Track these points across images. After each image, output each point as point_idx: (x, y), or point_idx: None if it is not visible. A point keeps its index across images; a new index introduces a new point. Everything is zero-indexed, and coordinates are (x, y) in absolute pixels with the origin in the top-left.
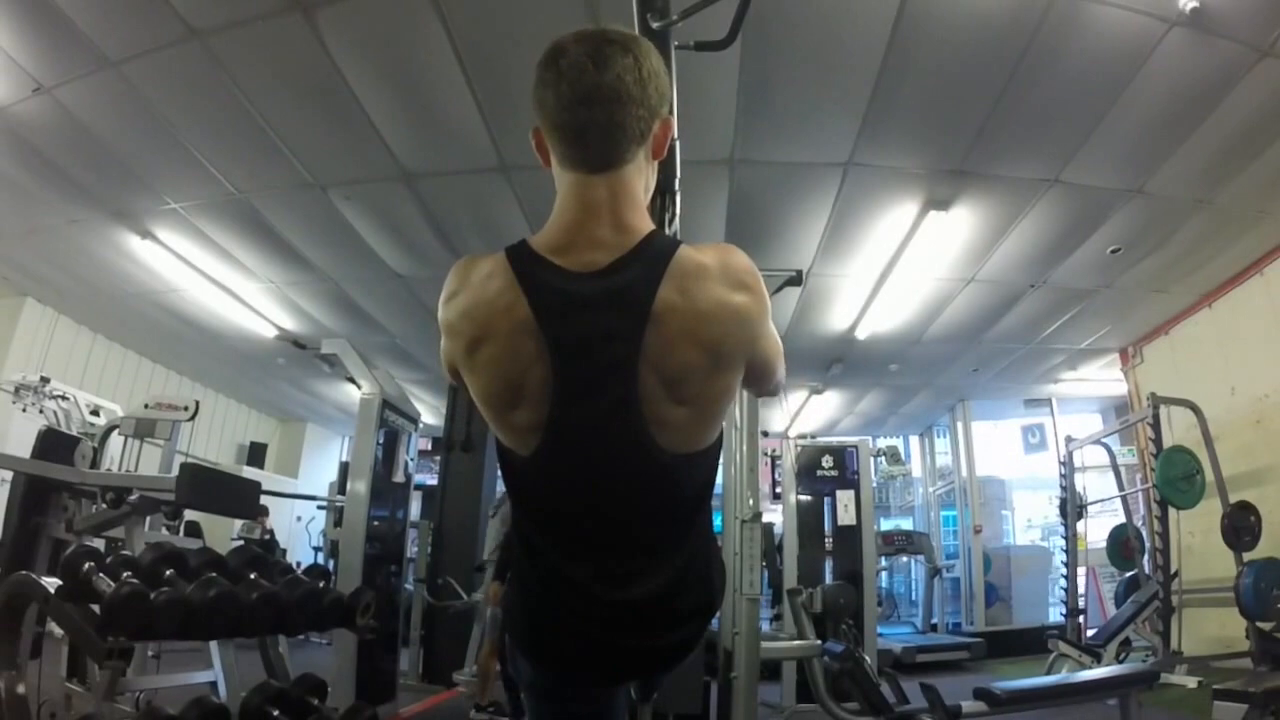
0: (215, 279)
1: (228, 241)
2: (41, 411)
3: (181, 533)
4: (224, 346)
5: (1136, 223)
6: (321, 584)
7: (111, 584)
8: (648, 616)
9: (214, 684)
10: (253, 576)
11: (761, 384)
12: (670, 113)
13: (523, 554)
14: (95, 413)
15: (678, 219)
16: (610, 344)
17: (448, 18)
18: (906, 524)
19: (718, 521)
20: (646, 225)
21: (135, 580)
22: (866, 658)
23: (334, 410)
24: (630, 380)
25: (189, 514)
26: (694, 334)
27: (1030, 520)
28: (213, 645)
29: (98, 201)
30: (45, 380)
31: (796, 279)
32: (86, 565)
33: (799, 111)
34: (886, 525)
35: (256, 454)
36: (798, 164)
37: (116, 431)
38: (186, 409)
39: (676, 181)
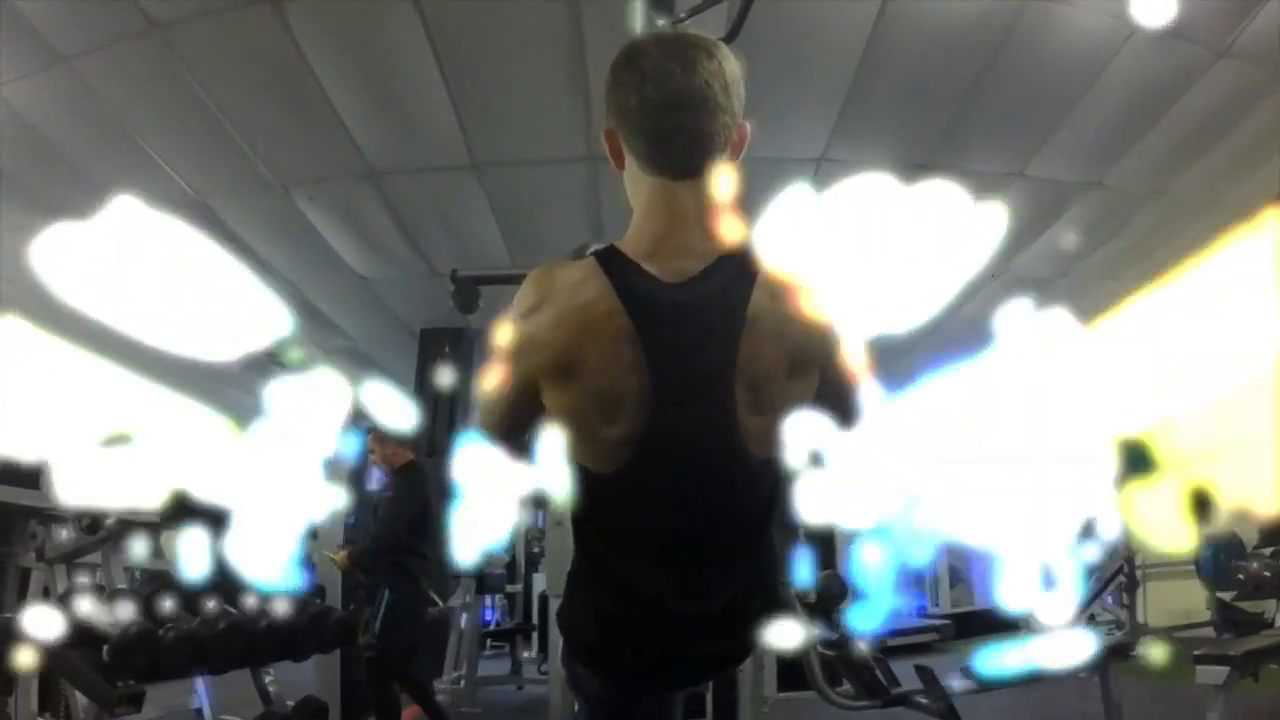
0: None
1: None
2: None
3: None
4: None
5: (1094, 214)
6: (318, 601)
7: (111, 623)
8: (723, 623)
9: (199, 710)
10: (252, 600)
11: (844, 406)
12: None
13: (589, 570)
14: None
15: None
16: (707, 350)
17: (423, 6)
18: None
19: None
20: (735, 232)
21: (139, 619)
22: (860, 644)
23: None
24: (727, 386)
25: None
26: (779, 338)
27: None
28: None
29: (43, 205)
30: None
31: None
32: (84, 605)
33: (776, 108)
34: None
35: None
36: (771, 159)
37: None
38: None
39: None
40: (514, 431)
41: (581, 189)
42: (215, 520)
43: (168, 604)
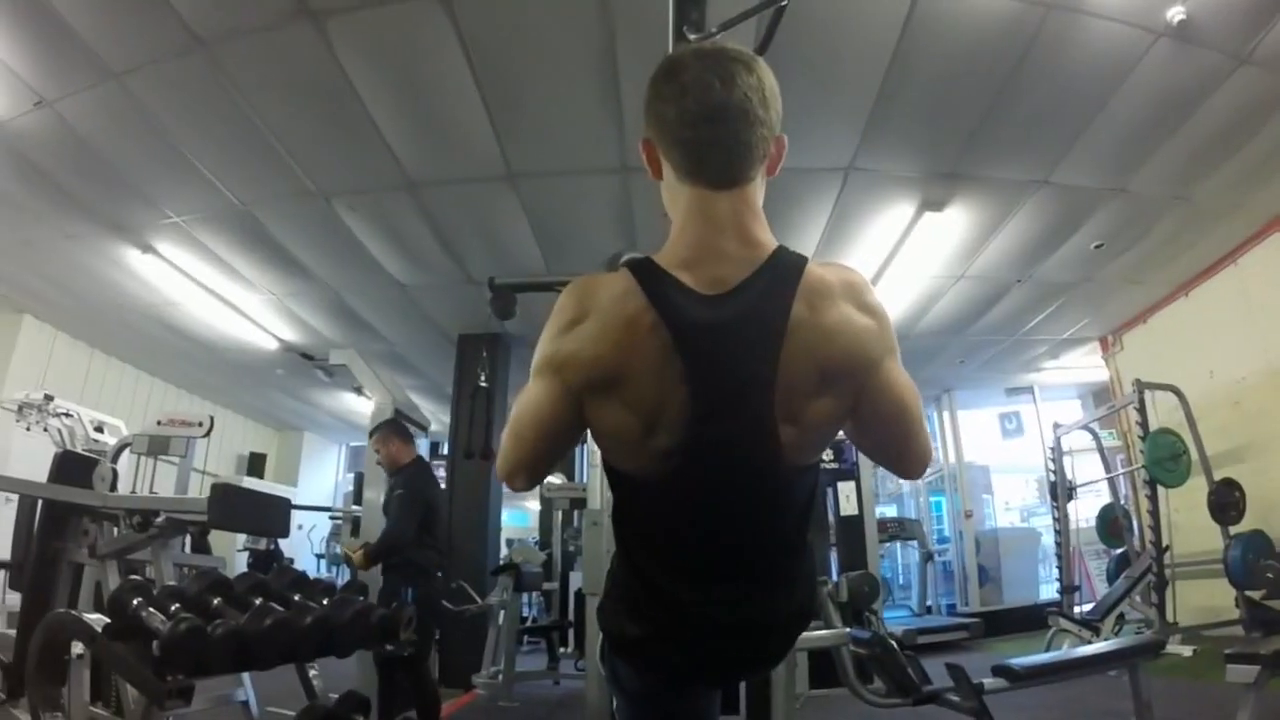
0: (216, 291)
1: (229, 254)
2: (45, 430)
3: (188, 547)
4: (224, 359)
5: (1118, 219)
6: (361, 599)
7: (164, 619)
8: (761, 627)
9: (245, 703)
10: (297, 598)
11: (890, 430)
12: (781, 130)
13: (629, 570)
14: (100, 429)
15: None
16: (746, 362)
17: (460, 23)
18: (893, 511)
19: None
20: (772, 240)
21: (189, 615)
22: (894, 642)
23: (330, 419)
24: (767, 397)
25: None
26: (814, 351)
27: (1009, 503)
28: None
29: (97, 216)
30: (49, 398)
31: None
32: (135, 601)
33: (804, 119)
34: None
35: (256, 464)
36: (799, 170)
37: (129, 450)
38: (201, 425)
39: None
40: (548, 445)
41: (615, 199)
42: (258, 520)
43: (215, 600)
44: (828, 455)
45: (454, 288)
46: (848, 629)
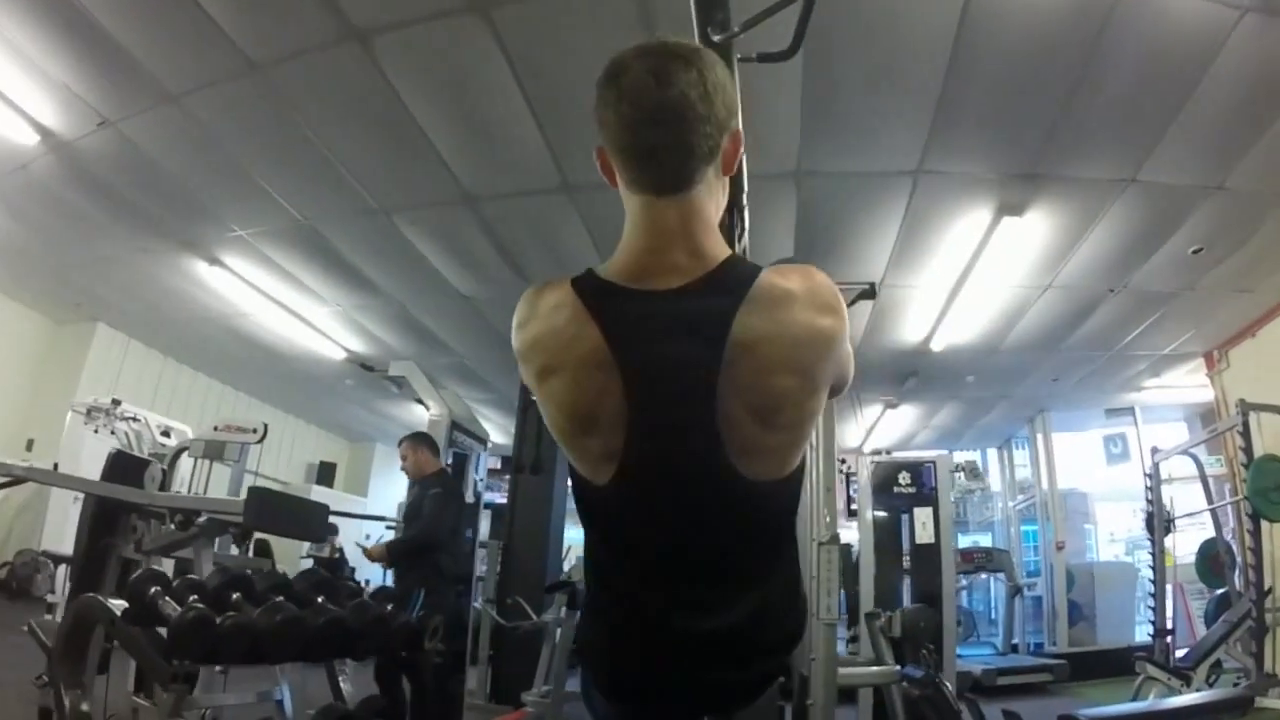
0: (283, 303)
1: (295, 267)
2: (113, 433)
3: (251, 552)
4: (293, 369)
5: (1218, 220)
6: (390, 607)
7: (177, 608)
8: (728, 649)
9: (280, 703)
10: (320, 600)
11: (836, 394)
12: (738, 125)
13: (596, 585)
14: (166, 434)
15: (747, 234)
16: (687, 372)
17: (503, 38)
18: (985, 540)
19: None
20: (723, 249)
21: (201, 605)
22: (947, 684)
23: (402, 431)
24: (709, 409)
25: (259, 534)
26: (790, 360)
27: (1113, 534)
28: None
29: (165, 230)
30: (116, 403)
31: (870, 292)
32: (152, 589)
33: (865, 120)
34: (964, 542)
35: (325, 474)
36: (866, 174)
37: (186, 453)
38: (255, 431)
39: (744, 196)
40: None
41: None
42: (294, 524)
43: (234, 595)
44: (904, 479)
45: (516, 299)
46: (897, 666)
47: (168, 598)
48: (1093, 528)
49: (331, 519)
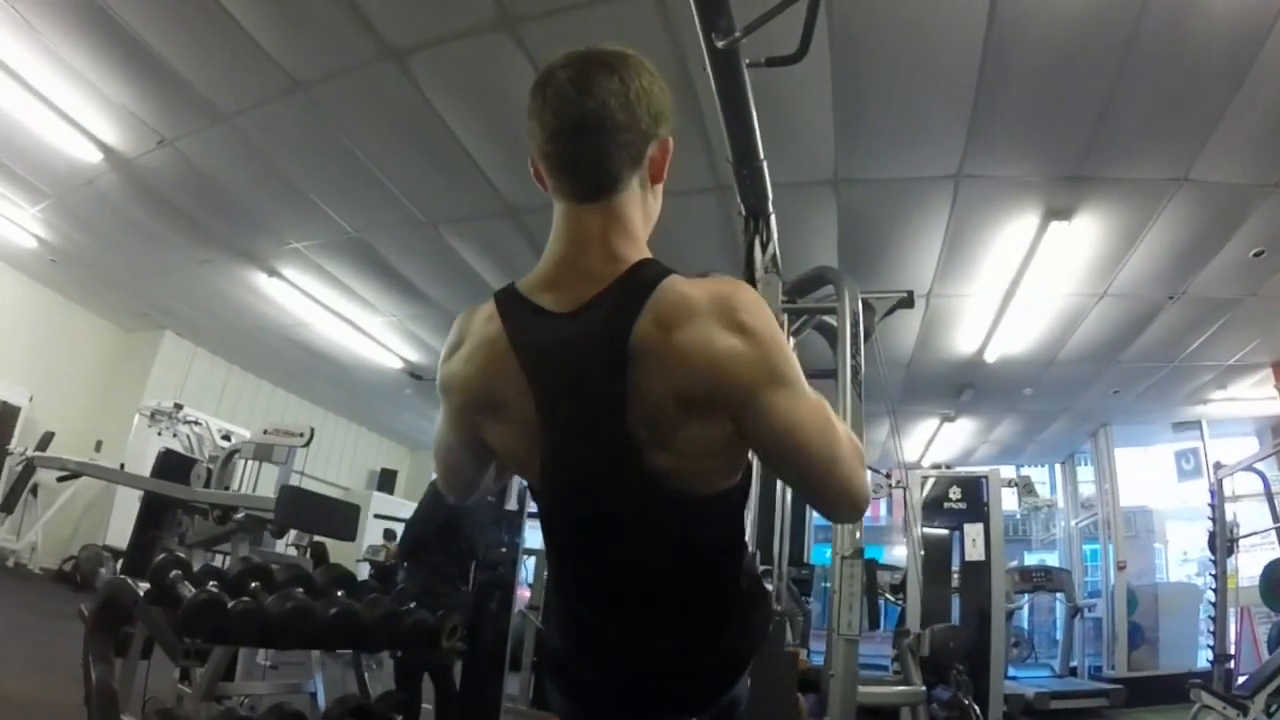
0: (340, 313)
1: (349, 278)
2: (175, 435)
3: (309, 555)
4: (352, 378)
5: (1278, 220)
6: (412, 605)
7: (193, 589)
8: (666, 664)
9: (314, 695)
10: (339, 594)
11: (787, 464)
12: (668, 133)
13: (553, 592)
14: (227, 438)
15: (774, 243)
16: (591, 385)
17: (532, 53)
18: (1052, 559)
19: (824, 556)
20: (637, 254)
21: (215, 589)
22: (976, 708)
23: None
24: (617, 422)
25: (317, 536)
26: (666, 377)
27: (1186, 553)
28: (314, 658)
29: (225, 243)
30: (179, 406)
31: (908, 300)
32: (173, 573)
33: (900, 124)
34: (1030, 560)
35: (386, 480)
36: (905, 179)
37: (238, 455)
38: (301, 435)
39: (770, 204)
40: (454, 463)
41: (713, 216)
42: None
43: (253, 584)
44: (955, 494)
45: None
46: (923, 687)
47: (186, 581)
48: (1162, 547)
49: (390, 525)
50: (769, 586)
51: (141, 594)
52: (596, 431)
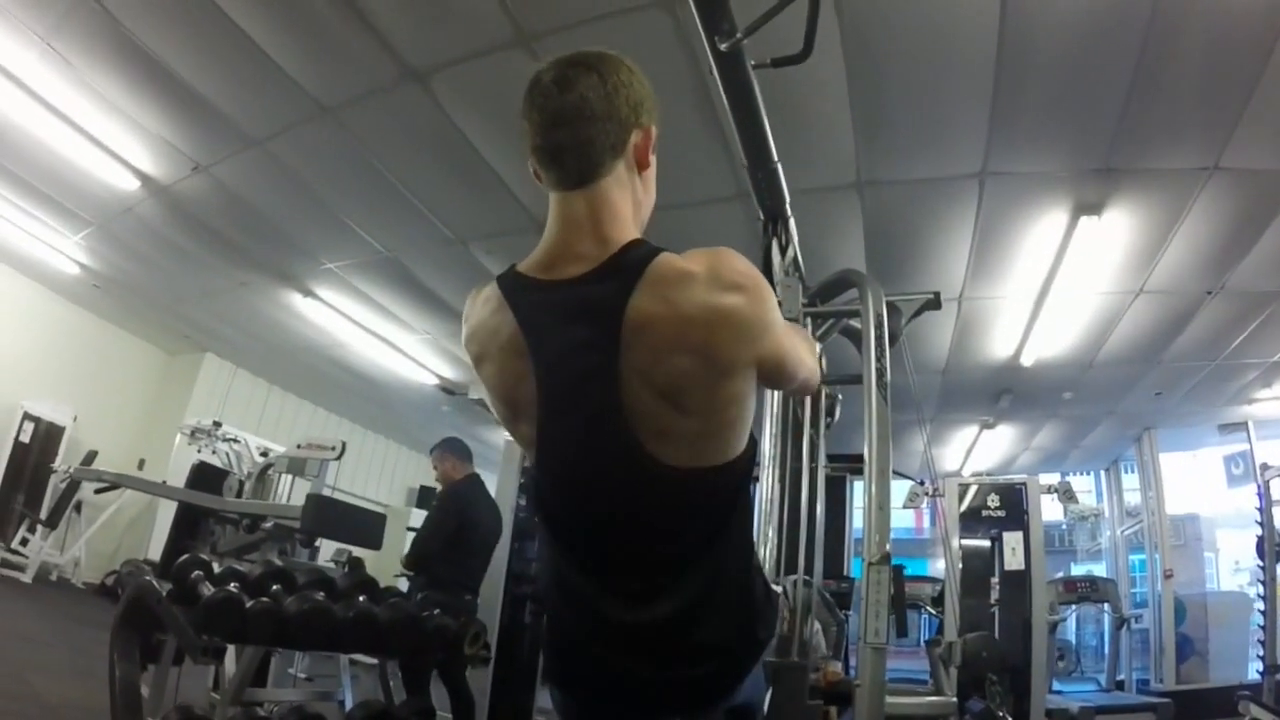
0: (375, 332)
1: (383, 297)
2: (214, 453)
3: (347, 568)
4: (389, 395)
5: None
6: (436, 610)
7: (212, 589)
8: (660, 644)
9: (341, 703)
10: (361, 599)
11: (778, 384)
12: (650, 121)
13: (547, 576)
14: (265, 454)
15: (794, 245)
16: (584, 355)
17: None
18: (1099, 570)
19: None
20: (628, 235)
21: (235, 589)
22: (1009, 719)
23: (497, 455)
24: (610, 391)
25: (355, 550)
26: (683, 341)
27: (1238, 562)
28: (343, 665)
29: (261, 265)
30: (218, 424)
31: (934, 302)
32: (195, 573)
33: (920, 124)
34: (1078, 570)
35: (425, 497)
36: (929, 180)
37: (272, 469)
38: (333, 449)
39: (787, 207)
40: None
41: (738, 224)
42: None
43: (274, 586)
44: (994, 502)
45: None
46: (954, 698)
47: (208, 582)
48: (1213, 556)
49: None
50: (780, 588)
51: (165, 594)
52: (591, 401)
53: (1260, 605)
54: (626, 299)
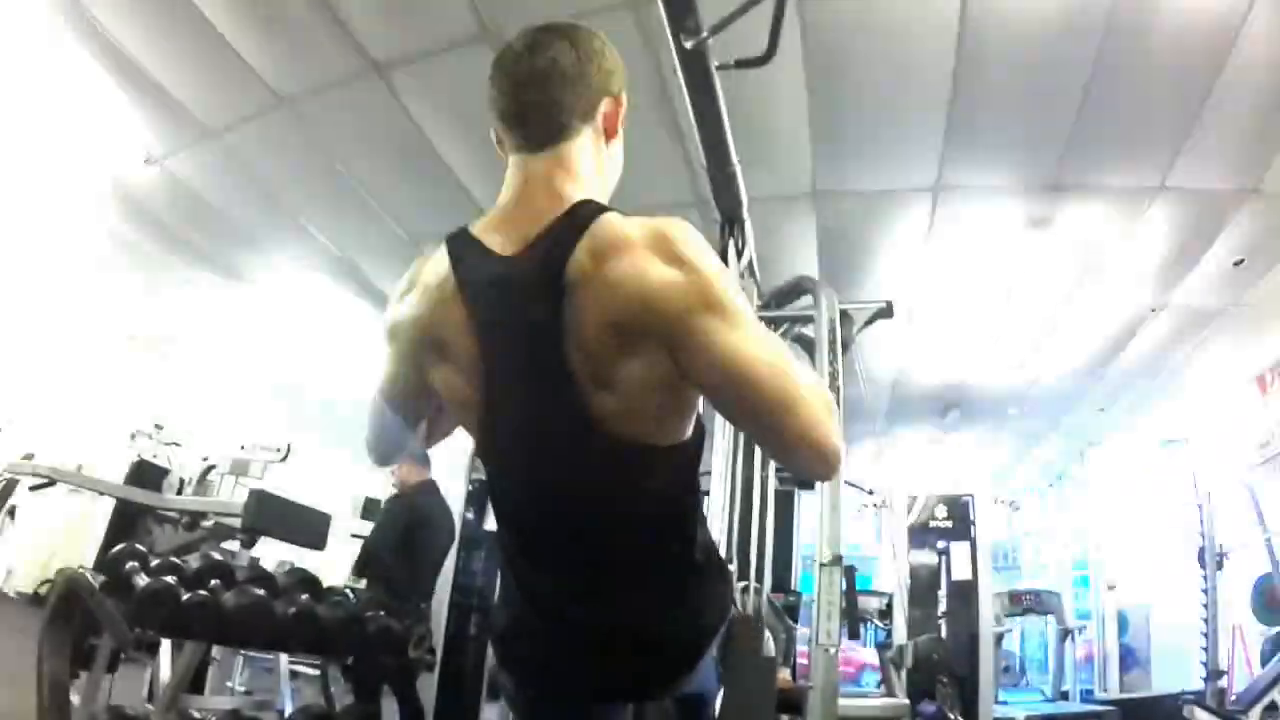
0: (326, 335)
1: (335, 298)
2: (155, 456)
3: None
4: (340, 401)
5: (1257, 228)
6: (380, 612)
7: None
8: (619, 643)
9: (281, 711)
10: (303, 597)
11: (743, 414)
12: (620, 91)
13: (503, 568)
14: (206, 459)
15: (749, 248)
16: (528, 319)
17: None
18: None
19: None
20: (581, 194)
21: (171, 581)
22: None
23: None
24: (553, 356)
25: (312, 562)
26: (599, 308)
27: (1181, 573)
28: (283, 674)
29: (211, 261)
30: (159, 427)
31: (887, 310)
32: (129, 564)
33: (876, 135)
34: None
35: (371, 510)
36: (884, 192)
37: (215, 470)
38: (278, 450)
39: (744, 210)
40: (396, 402)
41: (696, 229)
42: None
43: (214, 581)
44: (941, 513)
45: None
46: (906, 700)
47: (143, 573)
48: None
49: None
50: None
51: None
52: (534, 366)
53: (1201, 612)
54: (567, 256)
